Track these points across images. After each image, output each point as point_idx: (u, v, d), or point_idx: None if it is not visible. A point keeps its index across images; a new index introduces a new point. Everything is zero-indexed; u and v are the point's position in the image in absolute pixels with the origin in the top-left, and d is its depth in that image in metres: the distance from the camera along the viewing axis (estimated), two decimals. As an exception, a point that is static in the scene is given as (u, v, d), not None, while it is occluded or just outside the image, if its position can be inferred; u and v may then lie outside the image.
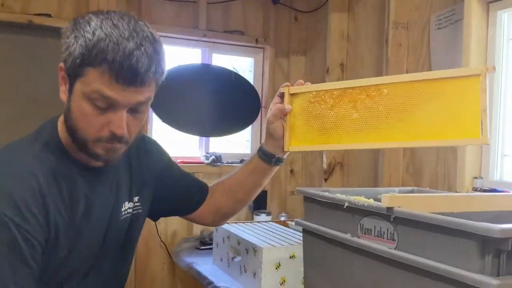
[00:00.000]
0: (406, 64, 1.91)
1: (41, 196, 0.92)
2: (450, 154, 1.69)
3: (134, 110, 0.94)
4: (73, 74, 0.91)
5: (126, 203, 1.10)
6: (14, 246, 0.87)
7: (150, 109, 2.31)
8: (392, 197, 0.88)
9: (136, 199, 1.13)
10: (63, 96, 0.95)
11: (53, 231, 0.94)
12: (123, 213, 1.09)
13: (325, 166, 2.35)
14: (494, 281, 0.72)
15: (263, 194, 2.48)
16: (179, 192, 1.25)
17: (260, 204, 2.41)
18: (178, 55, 2.54)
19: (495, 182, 1.59)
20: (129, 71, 0.87)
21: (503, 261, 0.75)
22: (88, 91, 0.89)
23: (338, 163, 2.33)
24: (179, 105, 2.37)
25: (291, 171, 2.72)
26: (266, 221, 2.08)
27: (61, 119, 1.00)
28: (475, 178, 1.58)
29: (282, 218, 2.09)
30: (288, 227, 1.99)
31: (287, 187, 2.72)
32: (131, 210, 1.11)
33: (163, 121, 2.37)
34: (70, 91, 0.93)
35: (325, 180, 2.35)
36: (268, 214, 2.35)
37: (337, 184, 2.29)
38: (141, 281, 2.35)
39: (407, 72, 1.89)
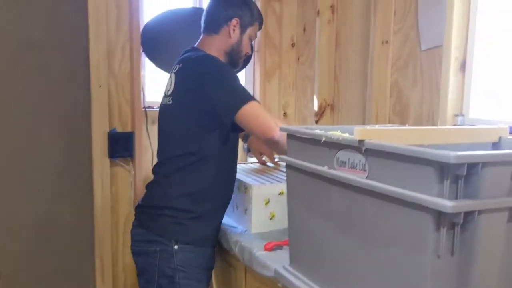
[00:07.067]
0: (394, 5, 1.92)
1: None
2: (435, 94, 1.74)
3: None
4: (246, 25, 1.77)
5: None
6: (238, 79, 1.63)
7: (143, 54, 2.33)
8: (363, 130, 0.94)
9: None
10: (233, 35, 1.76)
11: None
12: None
13: (315, 108, 2.39)
14: (449, 203, 0.79)
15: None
16: None
17: (253, 146, 2.46)
18: (169, -1, 2.53)
19: (476, 120, 1.65)
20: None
21: (460, 186, 0.82)
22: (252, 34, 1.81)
23: (328, 105, 2.37)
24: (170, 50, 2.39)
25: (284, 114, 2.77)
26: (258, 162, 2.15)
27: (214, 52, 1.74)
28: (456, 115, 1.63)
29: (276, 160, 2.17)
30: (279, 167, 2.06)
31: (280, 130, 2.75)
32: None
33: (156, 65, 2.40)
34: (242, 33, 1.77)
35: (316, 122, 2.40)
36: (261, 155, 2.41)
37: (328, 124, 2.34)
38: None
39: (394, 13, 1.90)
